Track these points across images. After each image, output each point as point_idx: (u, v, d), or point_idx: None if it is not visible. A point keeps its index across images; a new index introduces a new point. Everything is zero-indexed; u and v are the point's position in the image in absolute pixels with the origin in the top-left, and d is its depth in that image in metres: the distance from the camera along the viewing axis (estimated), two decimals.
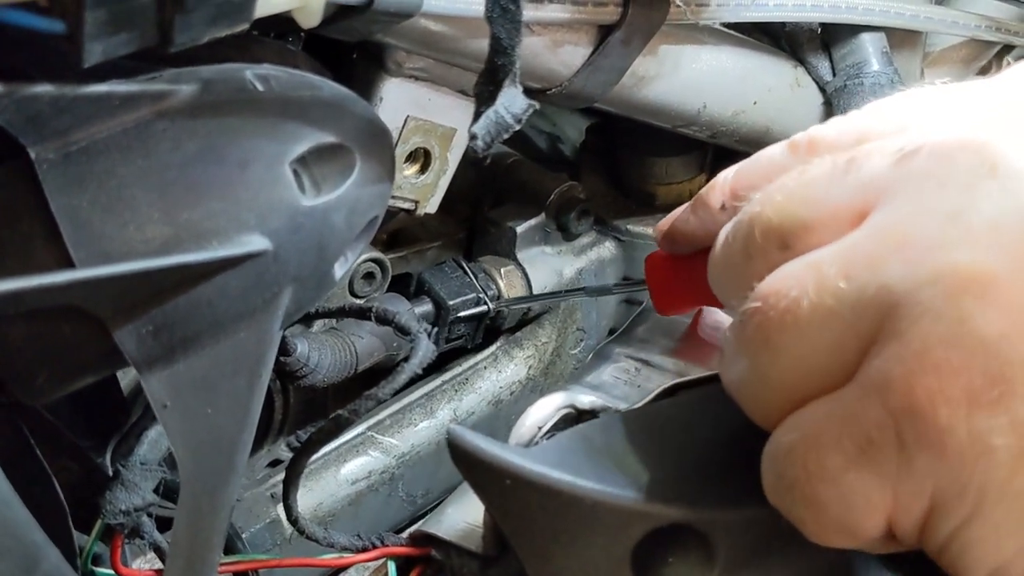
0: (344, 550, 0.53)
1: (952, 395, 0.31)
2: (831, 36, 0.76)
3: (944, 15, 0.76)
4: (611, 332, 0.83)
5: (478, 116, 0.43)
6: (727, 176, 0.45)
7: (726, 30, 0.71)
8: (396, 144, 0.62)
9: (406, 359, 0.50)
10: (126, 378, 0.57)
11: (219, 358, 0.40)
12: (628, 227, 0.83)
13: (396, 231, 0.77)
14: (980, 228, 0.32)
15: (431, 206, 0.67)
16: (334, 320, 0.68)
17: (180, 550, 0.43)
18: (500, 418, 0.77)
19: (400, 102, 0.61)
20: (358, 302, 0.68)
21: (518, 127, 0.44)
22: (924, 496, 0.32)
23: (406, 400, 0.74)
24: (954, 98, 0.38)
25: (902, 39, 0.78)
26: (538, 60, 0.61)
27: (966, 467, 0.31)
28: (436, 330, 0.72)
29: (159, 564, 0.53)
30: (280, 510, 0.63)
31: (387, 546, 0.53)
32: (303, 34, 0.52)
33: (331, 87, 0.42)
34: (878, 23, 0.73)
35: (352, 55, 0.60)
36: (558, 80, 0.63)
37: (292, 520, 0.53)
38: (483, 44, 0.44)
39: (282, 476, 0.53)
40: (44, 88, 0.34)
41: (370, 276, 0.70)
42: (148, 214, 0.37)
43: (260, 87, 0.39)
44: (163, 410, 0.40)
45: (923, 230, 0.32)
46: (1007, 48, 0.86)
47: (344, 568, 0.65)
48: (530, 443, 0.48)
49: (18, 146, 0.35)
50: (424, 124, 0.63)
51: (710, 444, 0.42)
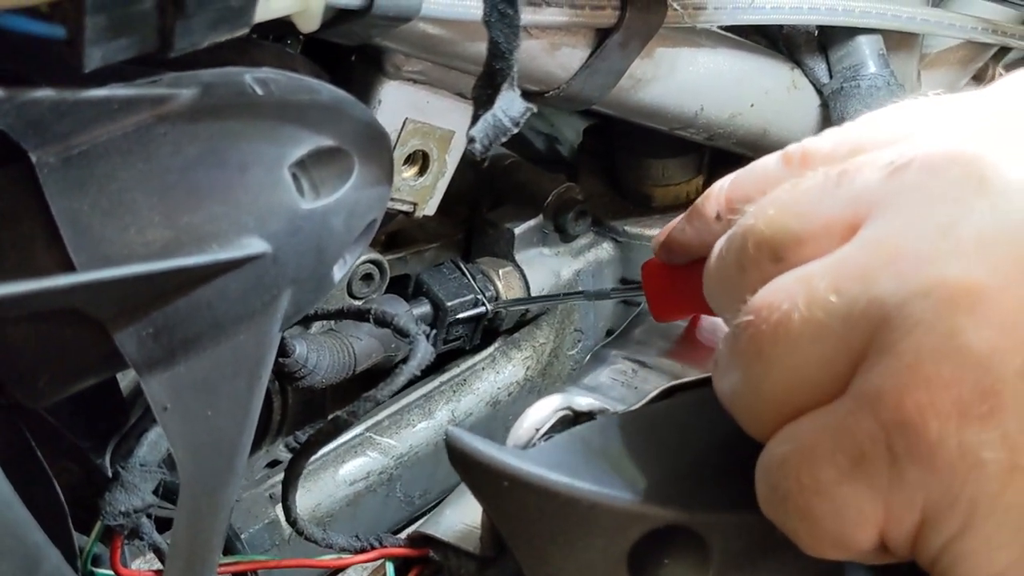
0: (342, 551, 0.53)
1: (943, 408, 0.31)
2: (828, 38, 0.76)
3: (940, 17, 0.76)
4: (609, 333, 0.83)
5: (476, 119, 0.44)
6: (722, 186, 0.45)
7: (723, 33, 0.71)
8: (395, 147, 0.62)
9: (404, 360, 0.51)
10: (126, 379, 0.57)
11: (219, 360, 0.41)
12: (626, 228, 0.82)
13: (394, 233, 0.77)
14: (970, 241, 0.32)
15: (429, 208, 0.67)
16: (333, 321, 0.68)
17: (179, 551, 0.43)
18: (498, 419, 0.77)
19: (399, 105, 0.61)
20: (357, 304, 0.68)
21: (516, 130, 0.44)
22: (916, 509, 0.33)
23: (404, 401, 0.74)
24: (947, 109, 0.38)
25: (898, 41, 0.78)
26: (536, 63, 0.61)
27: (957, 480, 0.31)
28: (434, 331, 0.72)
29: (158, 565, 0.53)
30: (279, 511, 0.63)
31: (385, 547, 0.53)
32: (302, 38, 0.53)
33: (330, 90, 0.43)
34: (874, 25, 0.74)
35: (351, 58, 0.60)
36: (556, 83, 0.63)
37: (291, 521, 0.53)
38: (481, 47, 0.44)
39: (281, 477, 0.53)
40: (45, 93, 0.34)
41: (368, 278, 0.70)
42: (148, 217, 0.37)
43: (259, 91, 0.39)
44: (163, 412, 0.40)
45: (913, 244, 0.32)
46: (1003, 50, 0.86)
47: (342, 569, 0.65)
48: (528, 445, 0.48)
49: (19, 150, 0.35)
50: (422, 127, 0.63)
51: (707, 446, 0.42)
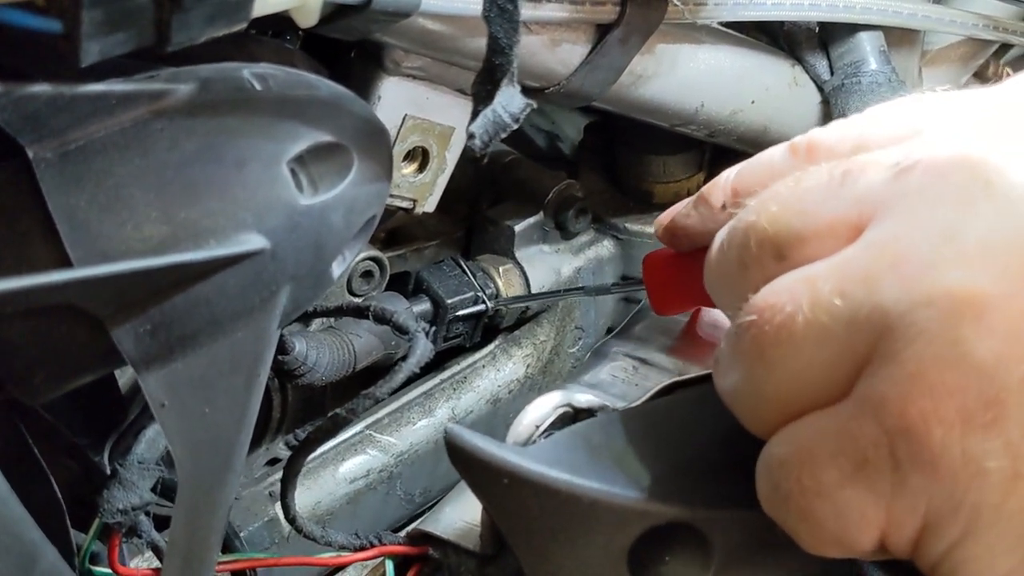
0: (342, 549, 0.53)
1: (946, 416, 0.31)
2: (829, 35, 0.76)
3: (942, 14, 0.76)
4: (609, 330, 0.83)
5: (476, 115, 0.43)
6: (729, 176, 0.45)
7: (724, 29, 0.71)
8: (394, 143, 0.62)
9: (404, 358, 0.50)
10: (124, 377, 0.57)
11: (217, 357, 0.40)
12: (626, 225, 0.82)
13: (394, 229, 0.77)
14: (974, 248, 0.32)
15: (429, 205, 0.67)
16: (332, 319, 0.68)
17: (178, 549, 0.43)
18: (498, 417, 0.77)
19: (398, 101, 0.61)
20: (356, 301, 0.68)
21: (516, 126, 0.44)
22: (918, 514, 0.33)
23: (404, 399, 0.74)
24: (954, 108, 0.38)
25: (900, 38, 0.78)
26: (536, 59, 0.61)
27: (959, 487, 0.31)
28: (434, 329, 0.72)
29: (157, 563, 0.53)
30: (278, 508, 0.62)
31: (385, 545, 0.53)
32: (301, 33, 0.52)
33: (329, 86, 0.42)
34: (876, 22, 0.73)
35: (350, 54, 0.60)
36: (556, 79, 0.63)
37: (290, 519, 0.53)
38: (481, 43, 0.44)
39: (280, 474, 0.53)
40: (41, 87, 0.34)
41: (368, 275, 0.70)
42: (146, 213, 0.37)
43: (258, 86, 0.39)
44: (161, 409, 0.40)
45: (917, 249, 0.32)
46: (1005, 47, 0.86)
47: (342, 567, 0.65)
48: (528, 442, 0.48)
49: (16, 145, 0.34)
50: (422, 123, 0.63)
51: (708, 443, 0.42)
